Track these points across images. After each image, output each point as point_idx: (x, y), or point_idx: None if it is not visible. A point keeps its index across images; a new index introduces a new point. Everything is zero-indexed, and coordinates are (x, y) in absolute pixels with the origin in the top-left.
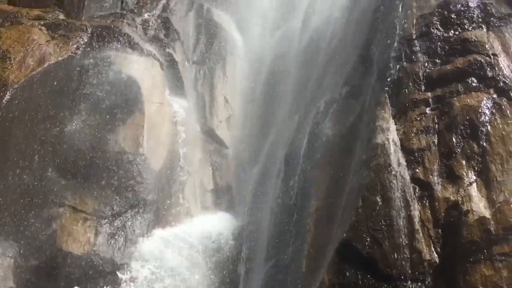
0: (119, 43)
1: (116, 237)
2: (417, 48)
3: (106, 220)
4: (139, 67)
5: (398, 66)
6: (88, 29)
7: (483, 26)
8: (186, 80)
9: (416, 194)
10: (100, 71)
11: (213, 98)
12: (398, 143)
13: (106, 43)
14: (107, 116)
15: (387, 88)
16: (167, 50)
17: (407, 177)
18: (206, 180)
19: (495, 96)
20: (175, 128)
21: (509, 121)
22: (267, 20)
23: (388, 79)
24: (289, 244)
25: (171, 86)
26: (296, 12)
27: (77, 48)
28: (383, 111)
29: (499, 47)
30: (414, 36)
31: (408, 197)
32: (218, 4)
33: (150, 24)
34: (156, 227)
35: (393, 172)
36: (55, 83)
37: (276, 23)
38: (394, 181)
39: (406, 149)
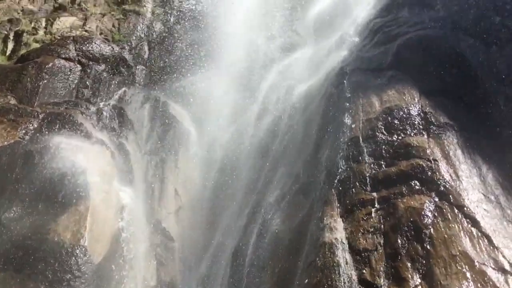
0: (70, 130)
1: None
2: (363, 149)
3: None
4: (89, 155)
5: (345, 166)
6: (39, 115)
7: (424, 132)
8: (136, 170)
9: None
10: (47, 157)
11: (163, 190)
12: (346, 243)
13: (56, 130)
14: (49, 205)
15: (335, 187)
16: (119, 139)
17: (355, 278)
18: (149, 275)
19: (436, 199)
20: (121, 219)
21: (450, 225)
22: (221, 116)
23: (336, 178)
24: None
25: (121, 175)
26: (250, 110)
27: (26, 133)
28: (331, 210)
29: (439, 153)
30: (360, 139)
31: None
32: (175, 98)
33: (104, 113)
34: None
35: (340, 272)
36: None
37: (230, 119)
38: (342, 282)
39: (353, 249)
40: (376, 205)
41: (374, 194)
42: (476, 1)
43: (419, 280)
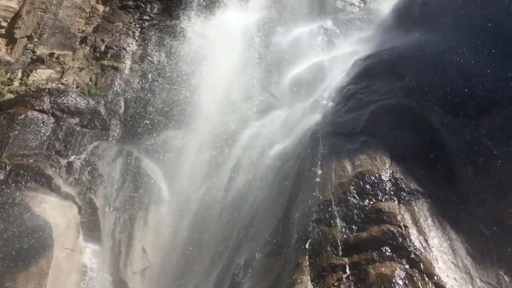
0: (38, 183)
1: None
2: (335, 213)
3: None
4: (55, 210)
5: (317, 230)
6: (7, 167)
7: (394, 198)
8: (104, 226)
9: None
10: (12, 211)
11: (130, 248)
12: None
13: (24, 183)
14: (9, 261)
15: (306, 251)
16: (88, 194)
17: None
18: None
19: (407, 266)
20: (84, 278)
21: None
22: (194, 174)
23: (308, 242)
24: None
25: (87, 231)
26: (223, 169)
27: None
28: (302, 274)
29: (409, 219)
30: (333, 202)
31: None
32: (148, 154)
33: (75, 167)
34: None
35: None
36: None
37: (203, 178)
38: None
39: None
40: (347, 271)
41: (346, 259)
42: (445, 74)
43: None
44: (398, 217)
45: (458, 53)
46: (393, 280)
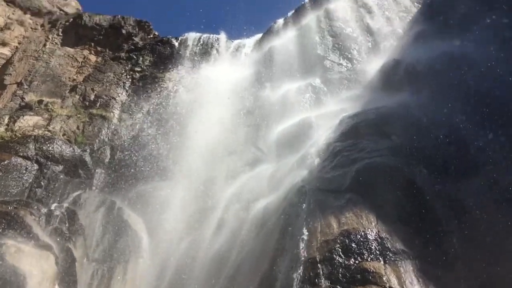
0: (16, 231)
1: None
2: (320, 272)
3: None
4: (31, 260)
5: None
6: None
7: (380, 258)
8: (81, 278)
9: None
10: None
11: None
12: None
13: (1, 230)
14: None
15: None
16: (67, 244)
17: None
18: None
19: None
20: None
21: None
22: (178, 226)
23: None
24: None
25: (63, 284)
26: (207, 222)
27: None
28: None
29: (395, 280)
30: (317, 260)
31: None
32: (131, 204)
33: (55, 215)
34: None
35: None
36: None
37: (186, 230)
38: None
39: None
40: None
41: None
42: (430, 134)
43: None
44: (384, 278)
45: (442, 115)
46: None
